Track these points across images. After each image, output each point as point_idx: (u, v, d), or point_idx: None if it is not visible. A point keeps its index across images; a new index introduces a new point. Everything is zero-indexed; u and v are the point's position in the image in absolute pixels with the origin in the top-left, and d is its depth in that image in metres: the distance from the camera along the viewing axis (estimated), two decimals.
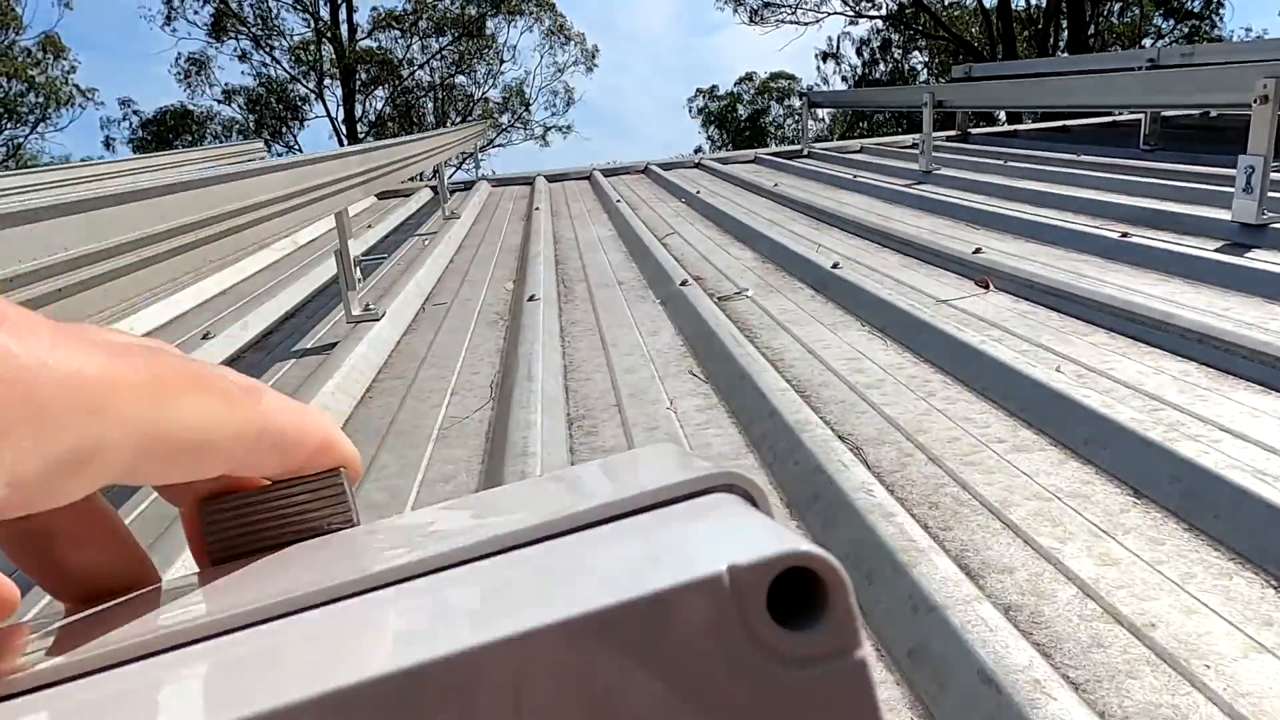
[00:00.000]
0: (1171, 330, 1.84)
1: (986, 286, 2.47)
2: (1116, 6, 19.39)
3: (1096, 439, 1.38)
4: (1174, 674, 0.87)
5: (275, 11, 20.87)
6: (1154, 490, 1.24)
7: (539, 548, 0.15)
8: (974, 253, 2.76)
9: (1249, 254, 2.49)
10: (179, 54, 21.80)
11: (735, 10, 21.18)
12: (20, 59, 19.59)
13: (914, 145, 6.20)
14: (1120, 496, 1.25)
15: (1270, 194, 2.63)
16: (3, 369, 0.13)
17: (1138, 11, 19.04)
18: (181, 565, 1.08)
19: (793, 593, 0.13)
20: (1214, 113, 6.15)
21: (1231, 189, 2.74)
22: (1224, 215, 2.80)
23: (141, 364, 0.16)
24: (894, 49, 21.67)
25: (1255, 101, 2.58)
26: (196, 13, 21.44)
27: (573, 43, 22.63)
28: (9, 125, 19.73)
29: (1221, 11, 18.52)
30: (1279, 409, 1.47)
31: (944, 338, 1.92)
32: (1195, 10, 18.42)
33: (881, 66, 21.59)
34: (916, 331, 2.03)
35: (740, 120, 24.80)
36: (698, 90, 25.88)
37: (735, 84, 25.10)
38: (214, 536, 0.19)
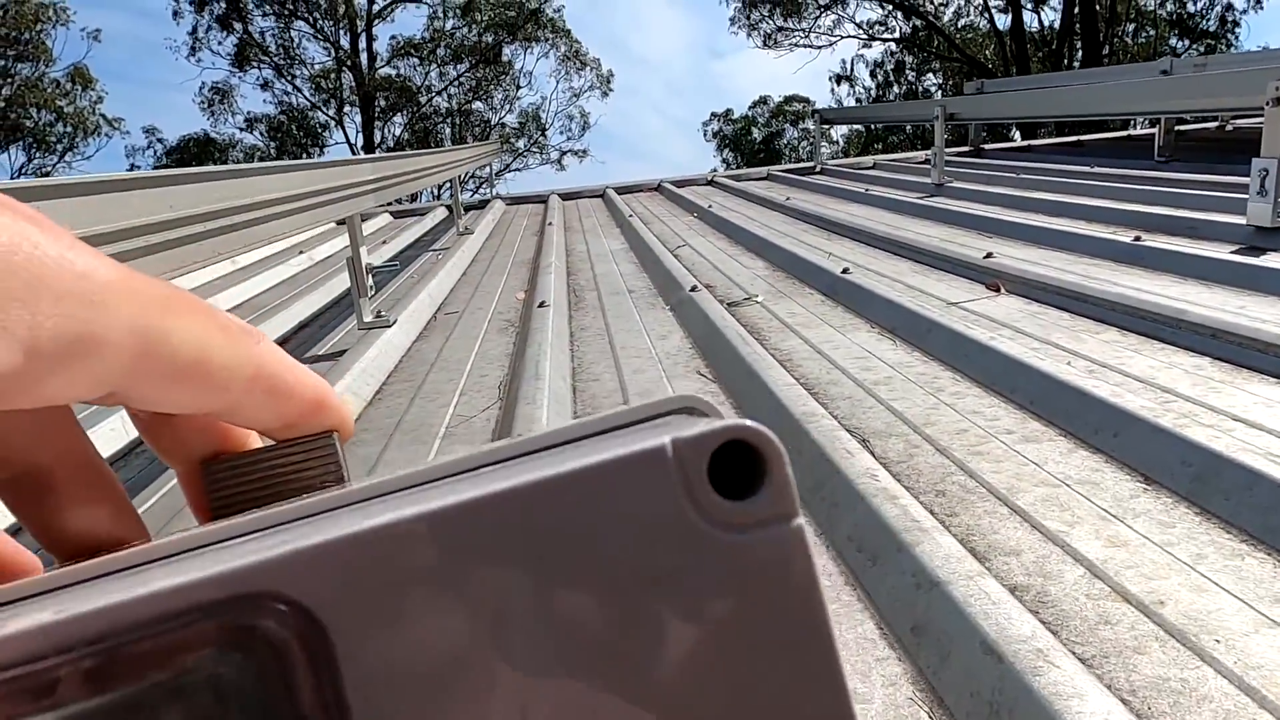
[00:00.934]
0: (1185, 327, 1.82)
1: (997, 290, 2.46)
2: (1131, 27, 19.40)
3: (1107, 427, 1.36)
4: (1183, 649, 0.85)
5: (297, 41, 21.22)
6: (1165, 475, 1.21)
7: (493, 466, 0.16)
8: (985, 258, 2.75)
9: (1264, 256, 2.46)
10: (203, 83, 22.18)
11: (749, 34, 21.32)
12: (50, 90, 20.02)
13: (926, 160, 6.20)
14: (1130, 482, 1.23)
15: None
16: (25, 248, 0.14)
17: (1153, 31, 19.03)
18: None
19: (738, 481, 0.14)
20: (1229, 125, 6.12)
21: (1247, 196, 2.71)
22: (1239, 220, 2.77)
23: (153, 283, 0.17)
24: (908, 71, 21.73)
25: (1269, 104, 2.56)
26: (220, 43, 21.74)
27: (588, 68, 22.85)
28: (38, 155, 20.16)
29: (1237, 31, 18.50)
30: None
31: (953, 336, 1.90)
32: (1210, 30, 18.40)
33: (895, 89, 21.65)
34: (926, 331, 2.02)
35: (755, 143, 24.90)
36: (712, 114, 26.05)
37: (749, 107, 25.23)
38: (214, 493, 0.20)
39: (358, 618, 0.13)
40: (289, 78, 21.45)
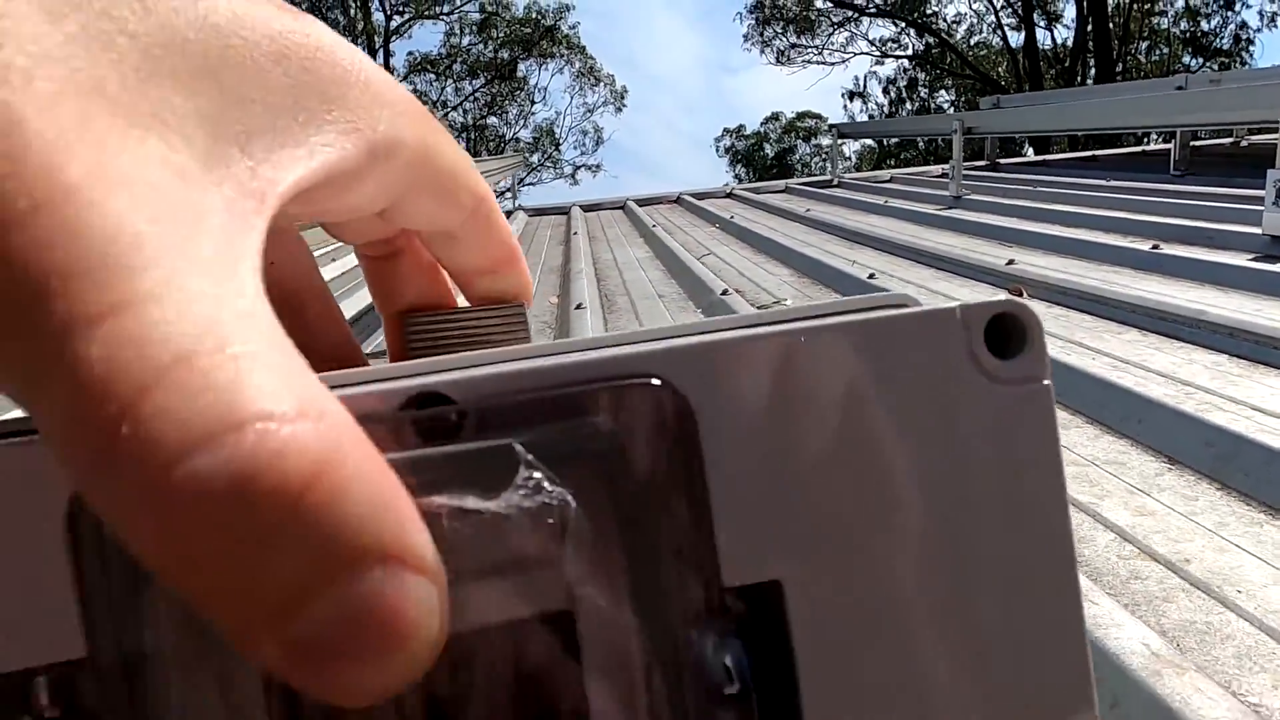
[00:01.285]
0: (1204, 327, 1.91)
1: (1020, 294, 2.54)
2: (1144, 45, 19.52)
3: (1132, 415, 1.45)
4: (1208, 598, 0.94)
5: None
6: (1188, 456, 1.30)
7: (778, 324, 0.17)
8: (1007, 264, 2.84)
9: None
10: None
11: (762, 51, 21.53)
12: None
13: (943, 175, 6.30)
14: (1155, 463, 1.32)
15: None
16: (339, 50, 0.16)
17: (1166, 49, 19.15)
18: None
19: (999, 347, 0.17)
20: (1244, 141, 6.20)
21: (1263, 207, 2.80)
22: (1255, 230, 2.85)
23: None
24: (920, 88, 21.87)
25: None
26: None
27: (602, 84, 23.03)
28: None
29: (1251, 49, 18.60)
30: None
31: None
32: (1224, 48, 18.51)
33: (908, 105, 21.79)
34: None
35: (767, 159, 25.05)
36: (725, 129, 26.21)
37: (762, 123, 25.40)
38: (413, 341, 0.23)
39: (721, 410, 0.16)
40: None
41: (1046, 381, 0.17)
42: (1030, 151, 15.21)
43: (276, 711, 0.15)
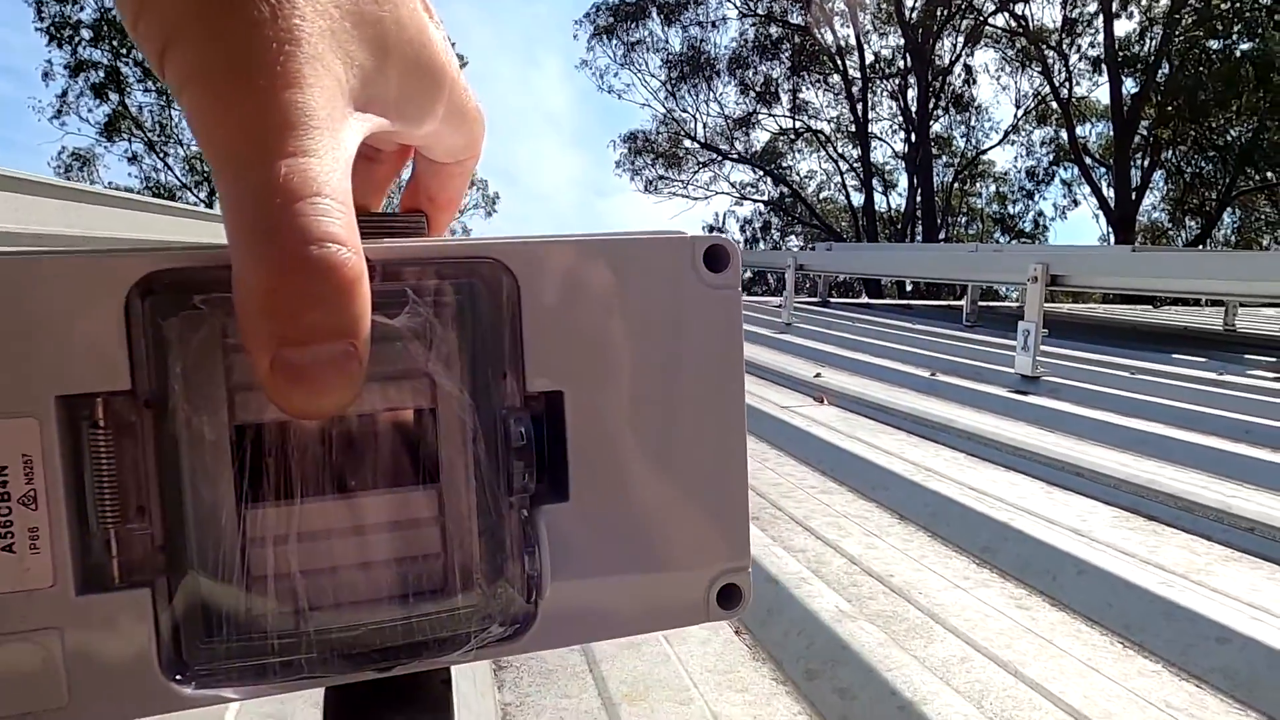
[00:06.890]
0: (952, 431, 2.36)
1: (821, 401, 2.97)
2: (964, 219, 22.21)
3: (880, 484, 1.82)
4: (899, 596, 1.27)
5: (176, 120, 20.53)
6: (911, 512, 1.67)
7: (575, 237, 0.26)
8: (814, 376, 3.29)
9: (1026, 396, 3.10)
10: (63, 148, 20.86)
11: (632, 178, 22.86)
12: None
13: (779, 305, 6.97)
14: (889, 517, 1.67)
15: (1040, 356, 3.30)
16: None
17: (980, 225, 21.88)
18: None
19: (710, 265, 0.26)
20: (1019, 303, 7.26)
21: (1014, 353, 3.40)
22: (1010, 369, 3.45)
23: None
24: (773, 230, 23.74)
25: (1029, 280, 3.29)
26: (90, 111, 20.73)
27: (474, 187, 23.53)
28: None
29: (1047, 234, 21.58)
30: (1037, 490, 1.96)
31: (782, 425, 2.36)
32: (1026, 230, 21.41)
33: (761, 245, 23.52)
34: (761, 423, 2.47)
35: None
36: None
37: None
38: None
39: (537, 288, 0.25)
40: (161, 154, 20.61)
41: (739, 288, 0.26)
42: (865, 295, 16.75)
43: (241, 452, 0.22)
